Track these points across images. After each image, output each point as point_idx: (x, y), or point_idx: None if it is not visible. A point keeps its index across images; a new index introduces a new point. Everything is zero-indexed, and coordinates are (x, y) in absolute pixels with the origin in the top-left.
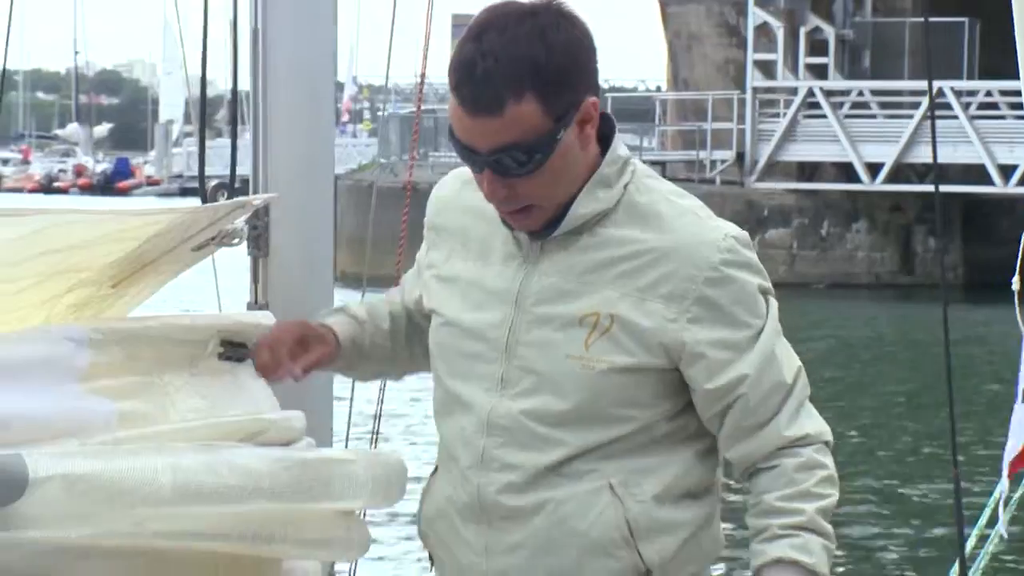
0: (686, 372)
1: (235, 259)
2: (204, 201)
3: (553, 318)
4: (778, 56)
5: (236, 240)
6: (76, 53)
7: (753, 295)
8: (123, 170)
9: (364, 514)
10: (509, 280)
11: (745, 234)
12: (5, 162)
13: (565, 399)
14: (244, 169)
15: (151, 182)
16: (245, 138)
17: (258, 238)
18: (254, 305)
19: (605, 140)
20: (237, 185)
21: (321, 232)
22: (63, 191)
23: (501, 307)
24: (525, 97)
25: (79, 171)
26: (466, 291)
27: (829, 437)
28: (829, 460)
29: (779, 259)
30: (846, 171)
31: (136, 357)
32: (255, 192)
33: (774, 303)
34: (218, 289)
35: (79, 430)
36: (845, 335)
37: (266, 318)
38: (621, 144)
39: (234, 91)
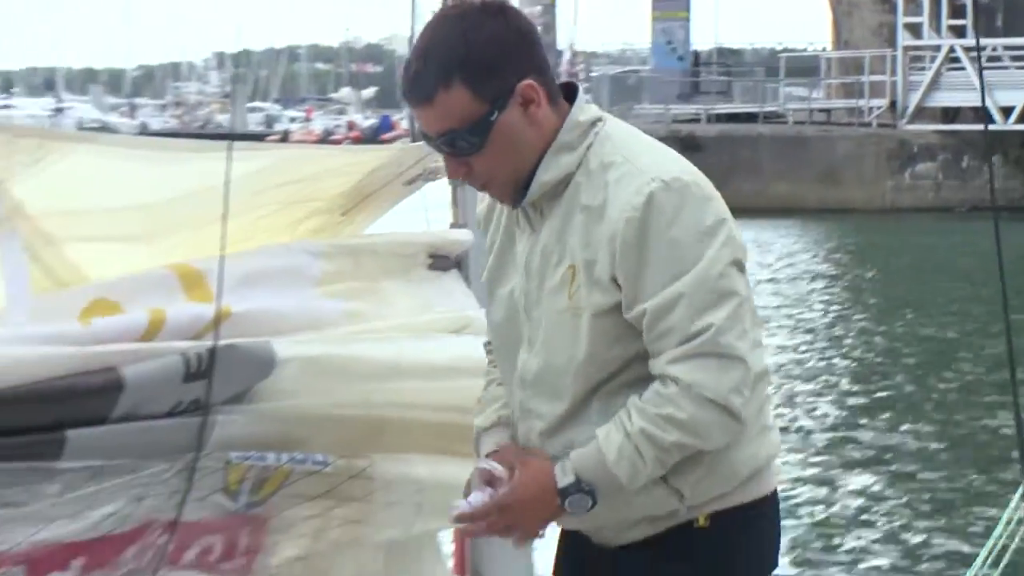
0: None
1: (439, 189)
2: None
3: (546, 279)
4: (924, 19)
5: (438, 175)
6: (347, 30)
7: (666, 237)
8: (386, 125)
9: None
10: (521, 251)
11: (677, 176)
12: (292, 120)
13: (566, 350)
14: None
15: (406, 133)
16: None
17: None
18: (455, 225)
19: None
20: None
21: None
22: (338, 143)
23: (517, 276)
24: (453, 86)
25: (351, 126)
26: (500, 266)
27: (710, 394)
28: (691, 408)
29: (927, 188)
30: (982, 114)
31: (361, 267)
32: None
33: (717, 242)
34: (427, 213)
35: (315, 324)
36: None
37: (464, 235)
38: (586, 110)
39: None
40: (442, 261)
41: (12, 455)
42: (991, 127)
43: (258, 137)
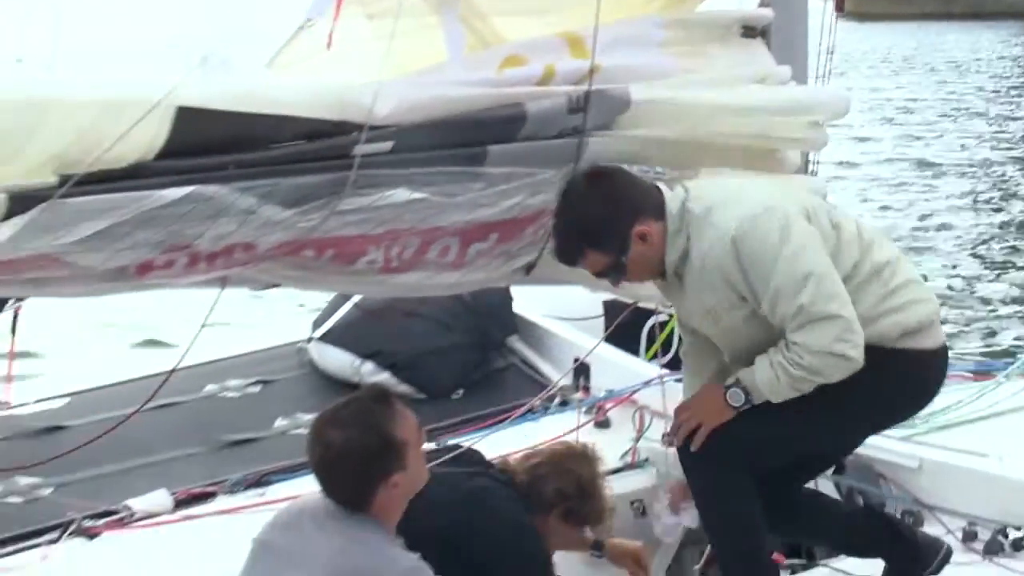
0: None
1: None
2: None
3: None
4: None
5: None
6: None
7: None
8: None
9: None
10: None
11: (739, 223)
12: None
13: (742, 341)
14: None
15: None
16: None
17: None
18: (761, 4)
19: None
20: None
21: None
22: None
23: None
24: (587, 253)
25: None
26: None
27: (816, 347)
28: (808, 358)
29: None
30: None
31: (692, 34)
32: None
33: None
34: None
35: (660, 75)
36: None
37: (767, 12)
38: (671, 204)
39: None
40: (751, 31)
41: (451, 161)
42: None
43: None
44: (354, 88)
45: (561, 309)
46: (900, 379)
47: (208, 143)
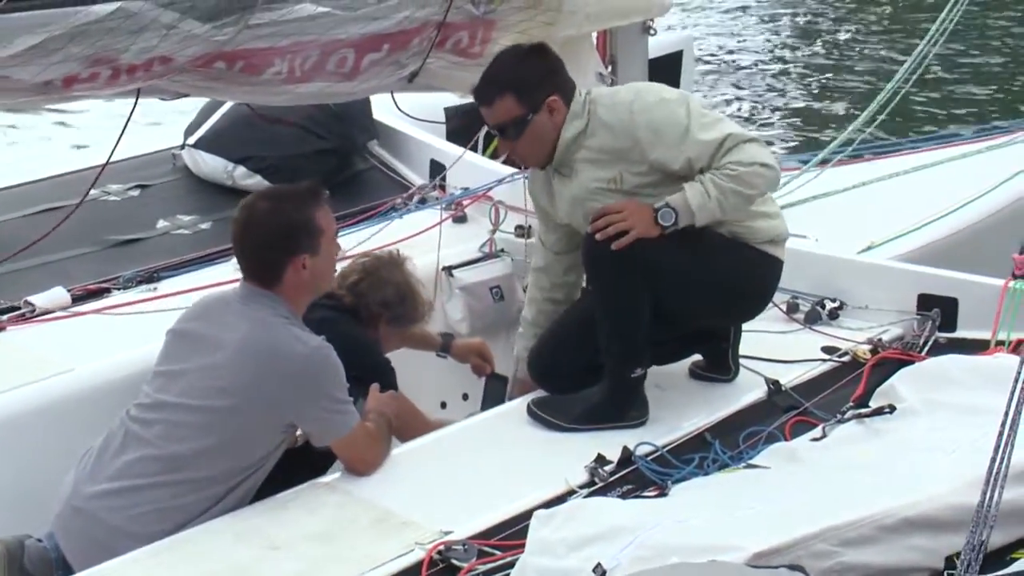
0: None
1: None
2: None
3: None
4: None
5: None
6: None
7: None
8: None
9: None
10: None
11: (655, 101)
12: None
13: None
14: None
15: None
16: None
17: None
18: None
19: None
20: None
21: None
22: None
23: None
24: (504, 96)
25: None
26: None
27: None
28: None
29: None
30: None
31: None
32: None
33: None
34: None
35: None
36: None
37: None
38: (579, 95)
39: None
40: None
41: None
42: None
43: None
44: None
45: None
46: (761, 278)
47: None
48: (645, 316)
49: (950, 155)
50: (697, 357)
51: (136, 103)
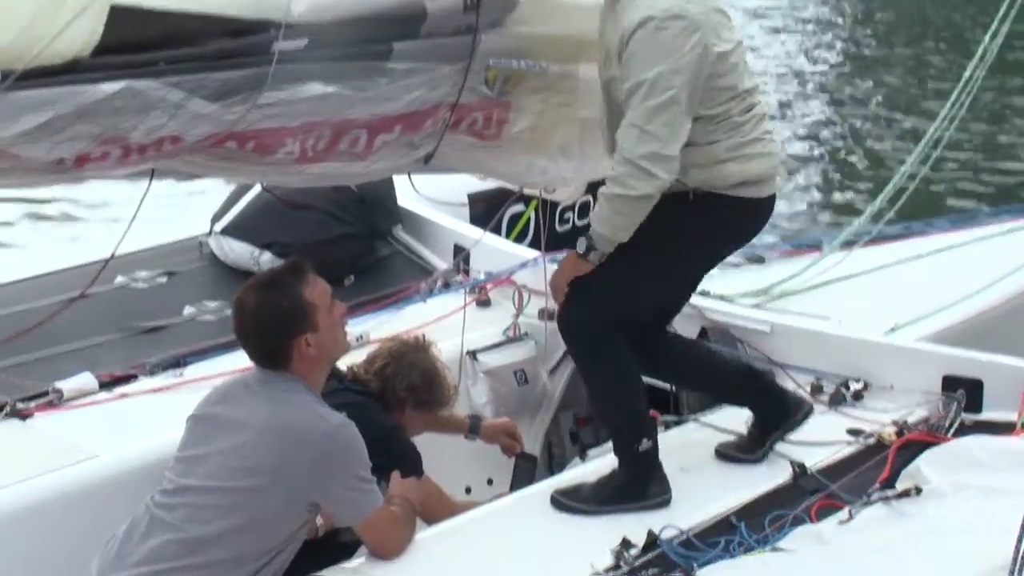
0: None
1: None
2: None
3: None
4: None
5: None
6: None
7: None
8: None
9: None
10: None
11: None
12: None
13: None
14: None
15: None
16: None
17: None
18: None
19: None
20: None
21: None
22: None
23: None
24: None
25: None
26: None
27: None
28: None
29: None
30: None
31: None
32: None
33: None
34: None
35: None
36: None
37: None
38: None
39: None
40: None
41: (358, 56)
42: None
43: None
44: None
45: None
46: (730, 224)
47: (140, 41)
48: (634, 380)
49: (974, 236)
50: (726, 438)
51: (150, 183)
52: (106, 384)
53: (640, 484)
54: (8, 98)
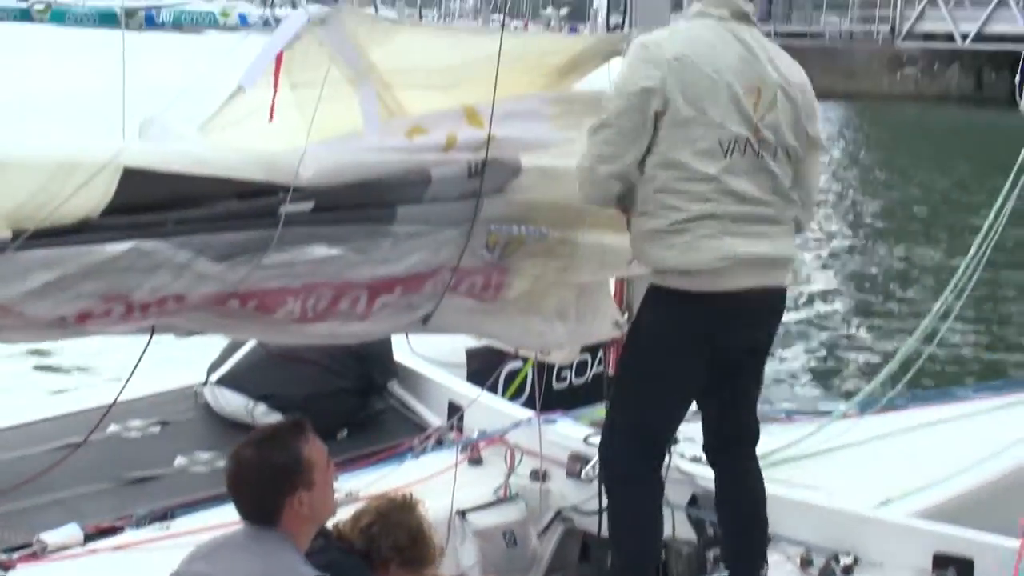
0: None
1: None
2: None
3: None
4: None
5: (621, 54)
6: None
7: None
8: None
9: None
10: None
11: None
12: (515, 27)
13: None
14: None
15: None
16: None
17: None
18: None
19: None
20: None
21: None
22: None
23: None
24: None
25: None
26: None
27: None
28: None
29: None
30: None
31: (572, 110)
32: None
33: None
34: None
35: (545, 145)
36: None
37: None
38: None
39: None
40: None
41: (363, 220)
42: (950, 46)
43: None
44: (282, 153)
45: (430, 357)
46: (672, 315)
47: (150, 201)
48: (639, 530)
49: (973, 410)
50: None
51: (150, 340)
52: (92, 536)
53: None
54: (17, 257)
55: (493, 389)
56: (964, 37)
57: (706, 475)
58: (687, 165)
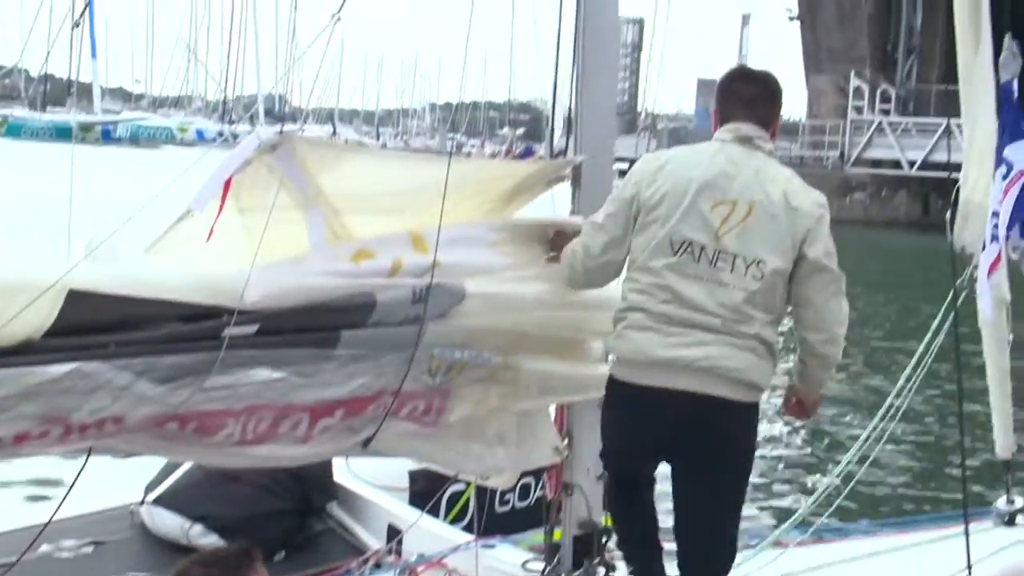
0: None
1: (564, 189)
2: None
3: None
4: (864, 103)
5: (566, 180)
6: (509, 92)
7: None
8: (528, 152)
9: None
10: None
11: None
12: (472, 145)
13: None
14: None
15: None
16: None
17: (577, 178)
18: (572, 212)
19: None
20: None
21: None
22: None
23: None
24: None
25: (507, 151)
26: None
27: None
28: None
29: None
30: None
31: (517, 235)
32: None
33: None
34: (554, 204)
35: (489, 271)
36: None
37: (578, 218)
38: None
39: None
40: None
41: (306, 343)
42: (897, 172)
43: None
44: (227, 276)
45: (372, 478)
46: (614, 406)
47: (94, 323)
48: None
49: (910, 541)
50: None
51: (87, 461)
52: None
53: None
54: None
55: (436, 511)
56: (911, 164)
57: None
58: (638, 257)
